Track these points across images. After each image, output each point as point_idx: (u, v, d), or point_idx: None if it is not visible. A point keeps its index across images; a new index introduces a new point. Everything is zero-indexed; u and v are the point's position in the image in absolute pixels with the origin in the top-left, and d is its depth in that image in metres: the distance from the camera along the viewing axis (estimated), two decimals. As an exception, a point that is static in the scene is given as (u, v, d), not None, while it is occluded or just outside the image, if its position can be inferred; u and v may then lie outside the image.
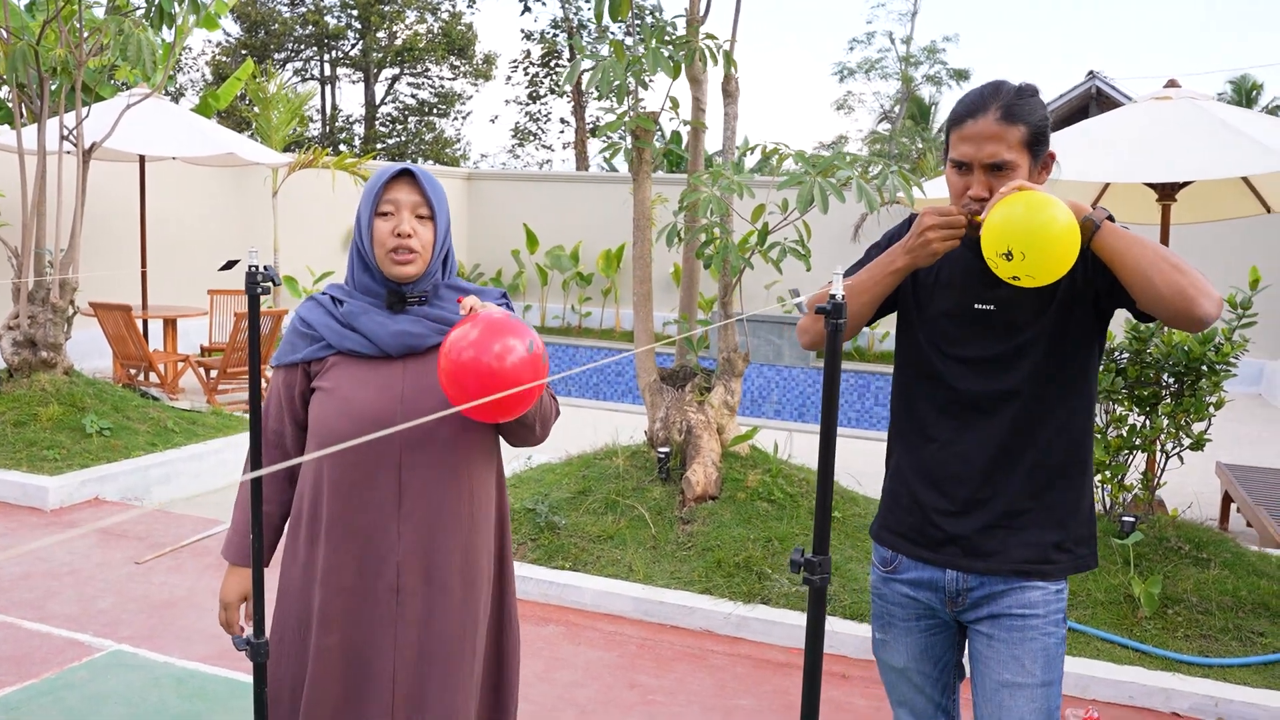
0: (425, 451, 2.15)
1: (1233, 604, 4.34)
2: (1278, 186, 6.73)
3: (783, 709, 3.86)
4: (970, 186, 2.08)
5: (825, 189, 4.55)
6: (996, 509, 2.16)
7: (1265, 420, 11.06)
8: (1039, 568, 2.15)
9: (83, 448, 6.45)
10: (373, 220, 2.17)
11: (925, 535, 2.23)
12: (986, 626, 2.20)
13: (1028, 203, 1.98)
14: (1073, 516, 2.18)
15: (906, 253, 2.10)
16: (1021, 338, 2.13)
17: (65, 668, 3.96)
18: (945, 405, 2.20)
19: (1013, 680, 2.15)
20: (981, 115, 2.06)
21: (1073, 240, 1.98)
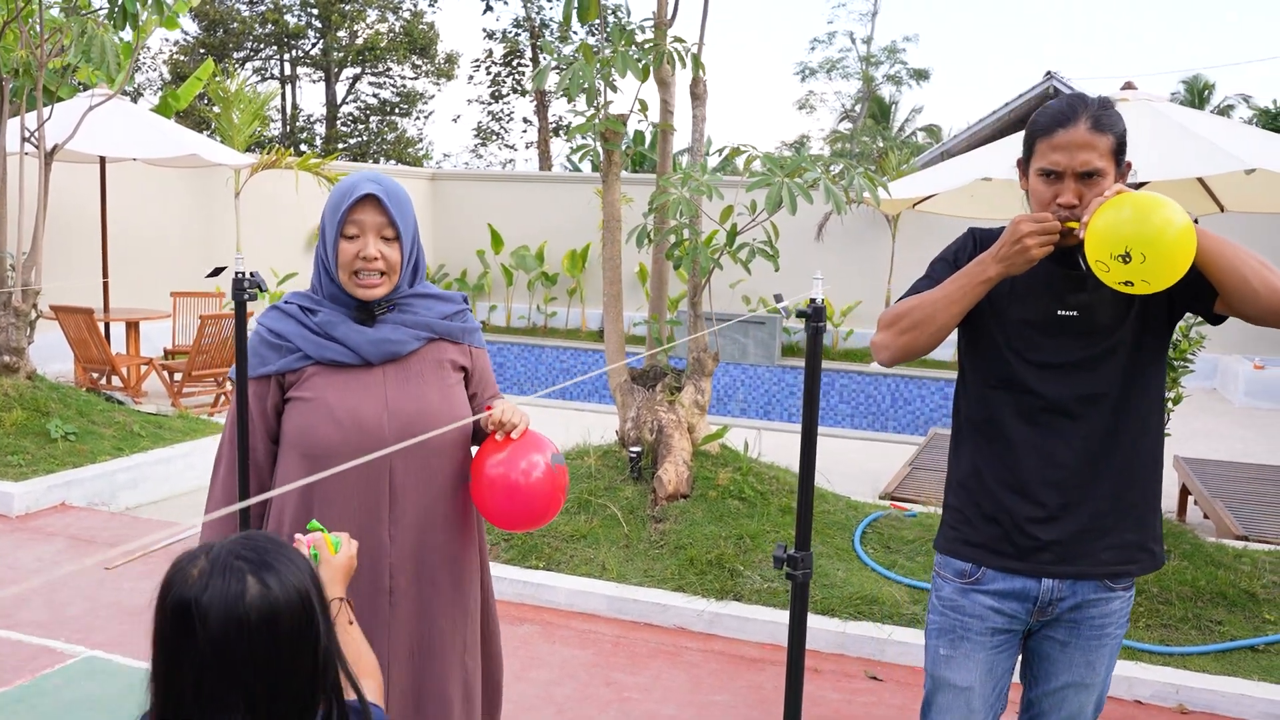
0: (413, 456, 2.18)
1: (1192, 594, 4.46)
2: (1231, 187, 6.89)
3: (757, 703, 3.92)
4: (1060, 194, 2.12)
5: (793, 190, 4.62)
6: (1089, 512, 2.20)
7: (1220, 415, 11.31)
8: (1125, 568, 2.22)
9: (48, 453, 6.39)
10: (338, 240, 2.16)
11: (1013, 544, 2.23)
12: (1063, 633, 2.26)
13: (1137, 205, 2.01)
14: (1151, 515, 2.25)
15: (999, 260, 2.11)
16: (1106, 342, 2.18)
17: (38, 675, 3.94)
18: (1027, 411, 2.23)
19: (1080, 681, 2.25)
20: (1073, 125, 2.11)
21: (1190, 243, 2.01)
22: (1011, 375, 2.24)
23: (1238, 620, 4.36)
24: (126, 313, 10.20)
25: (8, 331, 6.83)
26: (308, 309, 2.23)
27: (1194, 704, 3.95)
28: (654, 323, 5.55)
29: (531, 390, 15.13)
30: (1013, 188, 6.58)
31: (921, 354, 2.25)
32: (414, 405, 2.19)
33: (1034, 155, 2.17)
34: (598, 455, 5.50)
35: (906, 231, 14.16)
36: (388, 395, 2.18)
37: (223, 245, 13.02)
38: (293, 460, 2.20)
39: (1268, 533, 5.58)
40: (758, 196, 4.90)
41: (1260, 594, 4.48)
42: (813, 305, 1.68)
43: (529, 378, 15.20)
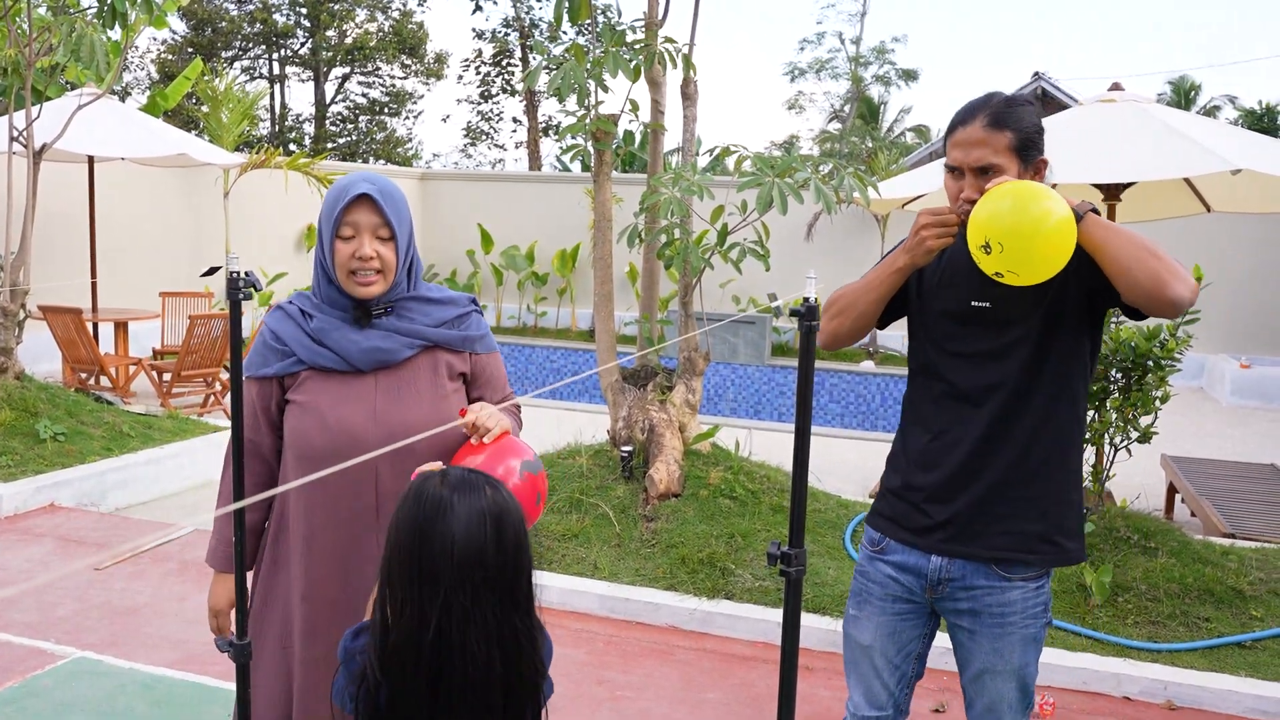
0: (401, 463, 2.16)
1: (1180, 591, 4.49)
2: (1217, 187, 6.94)
3: (749, 701, 3.93)
4: (963, 189, 2.22)
5: (784, 190, 4.64)
6: (978, 495, 2.26)
7: (1206, 413, 11.37)
8: (1021, 556, 2.26)
9: (37, 453, 6.36)
10: (334, 241, 2.18)
11: (912, 521, 2.35)
12: (967, 621, 2.33)
13: (1016, 195, 2.05)
14: (1056, 508, 2.27)
15: (905, 252, 2.23)
16: (1014, 333, 2.24)
17: (28, 676, 3.93)
18: (941, 398, 2.33)
19: (993, 668, 2.31)
20: (971, 122, 2.21)
21: (1063, 237, 2.04)
22: (929, 362, 2.36)
23: (1225, 617, 4.40)
24: (115, 313, 10.16)
25: (-4, 332, 6.80)
26: (306, 313, 2.25)
27: (1182, 700, 3.98)
28: (645, 322, 5.56)
29: (522, 390, 15.13)
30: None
31: (850, 339, 2.40)
32: (402, 415, 2.19)
33: (947, 153, 2.29)
34: (589, 455, 5.51)
35: (896, 231, 14.20)
36: (376, 404, 2.20)
37: (211, 245, 12.98)
38: (290, 460, 2.24)
39: (1254, 530, 5.62)
40: (748, 196, 4.92)
41: (1247, 591, 4.52)
42: (806, 304, 1.69)
43: (519, 378, 15.19)
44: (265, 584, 2.28)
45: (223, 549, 2.31)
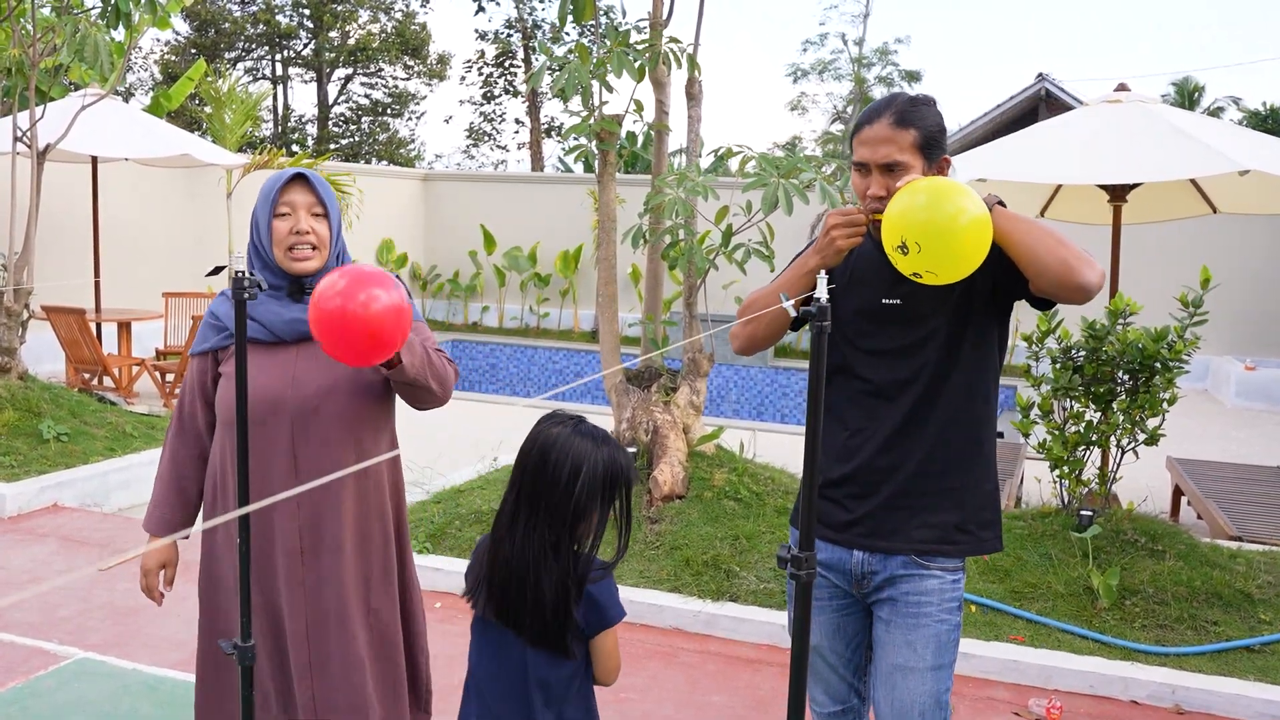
0: (315, 425, 2.39)
1: (1187, 594, 4.47)
2: (1224, 188, 6.92)
3: (754, 704, 3.91)
4: (870, 187, 2.24)
5: (789, 190, 4.62)
6: (894, 488, 2.30)
7: (1211, 415, 11.34)
8: (940, 547, 2.29)
9: (40, 453, 6.36)
10: (271, 220, 2.39)
11: (832, 518, 2.37)
12: (885, 611, 2.34)
13: (931, 192, 2.05)
14: (972, 499, 2.32)
15: (816, 252, 2.25)
16: (924, 329, 2.28)
17: (31, 676, 3.91)
18: (855, 395, 2.35)
19: (904, 664, 2.29)
20: (877, 121, 2.24)
21: (981, 233, 2.04)
22: (844, 361, 2.38)
23: (1233, 620, 4.37)
24: (118, 313, 10.16)
25: (-1, 332, 6.80)
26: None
27: (1190, 704, 3.96)
28: (649, 323, 5.55)
29: (525, 391, 15.12)
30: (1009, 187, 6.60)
31: (766, 343, 2.43)
32: (319, 379, 2.39)
33: (853, 152, 2.31)
34: (593, 456, 5.49)
35: (899, 233, 14.18)
36: (295, 369, 2.39)
37: (214, 246, 12.97)
38: (221, 429, 2.47)
39: (1261, 533, 5.59)
40: (753, 197, 4.90)
41: (1255, 594, 4.49)
42: (817, 304, 1.67)
43: (522, 379, 15.18)
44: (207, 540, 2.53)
45: (156, 513, 2.55)
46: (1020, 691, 4.06)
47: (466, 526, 5.17)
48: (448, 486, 5.91)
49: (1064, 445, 4.97)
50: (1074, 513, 4.92)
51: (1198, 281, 4.96)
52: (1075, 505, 5.06)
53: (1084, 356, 4.96)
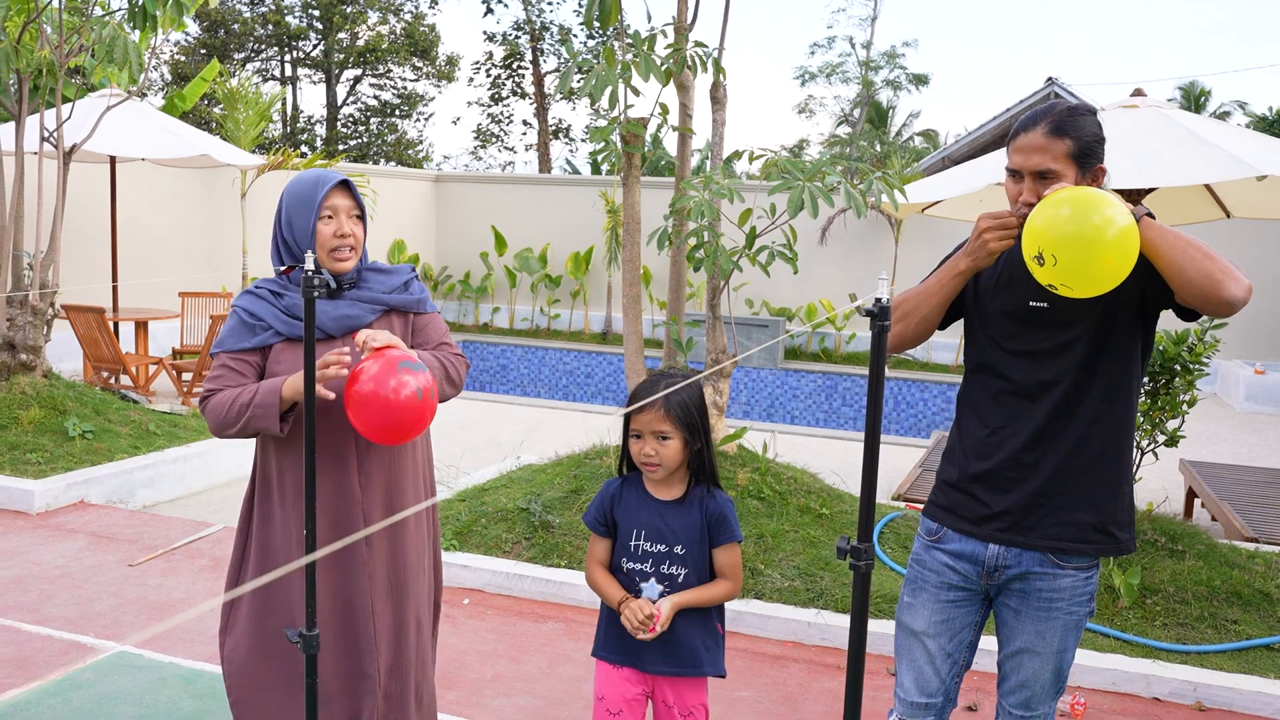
0: None
1: (1208, 594, 4.52)
2: (1237, 193, 6.97)
3: (782, 699, 3.97)
4: (1022, 193, 2.29)
5: (814, 194, 4.68)
6: (1034, 487, 2.35)
7: (1221, 419, 11.39)
8: (1075, 546, 2.35)
9: (66, 451, 6.43)
10: (316, 223, 2.50)
11: (970, 511, 2.44)
12: (1015, 602, 2.43)
13: (1075, 203, 2.06)
14: (1110, 500, 2.37)
15: (967, 255, 2.32)
16: (1071, 333, 2.32)
17: (71, 669, 3.98)
18: (998, 394, 2.41)
19: (1032, 648, 2.41)
20: (1033, 129, 2.28)
21: (1125, 246, 2.04)
22: (988, 360, 2.45)
23: (1253, 619, 4.43)
24: (135, 312, 10.24)
25: (25, 330, 6.87)
26: (276, 293, 2.56)
27: (1211, 701, 4.01)
28: (673, 324, 5.61)
29: (535, 392, 15.19)
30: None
31: (913, 343, 2.49)
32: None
33: (1008, 157, 2.36)
34: (616, 456, 5.55)
35: (909, 235, 14.25)
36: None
37: (228, 246, 13.06)
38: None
39: (1277, 535, 5.64)
40: (779, 200, 4.96)
41: (1275, 594, 4.55)
42: (878, 304, 1.73)
43: (533, 379, 15.24)
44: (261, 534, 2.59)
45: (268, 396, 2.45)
46: (1044, 688, 4.12)
47: (492, 524, 5.23)
48: (471, 485, 5.97)
49: (1084, 446, 5.02)
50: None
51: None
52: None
53: (1104, 359, 5.00)
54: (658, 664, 2.57)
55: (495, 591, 4.87)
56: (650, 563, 2.57)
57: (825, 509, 5.23)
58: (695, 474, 2.58)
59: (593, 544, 2.66)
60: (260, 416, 2.41)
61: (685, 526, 2.54)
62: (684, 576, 2.56)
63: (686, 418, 2.51)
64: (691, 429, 2.51)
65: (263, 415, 2.41)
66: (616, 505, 2.62)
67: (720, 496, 2.59)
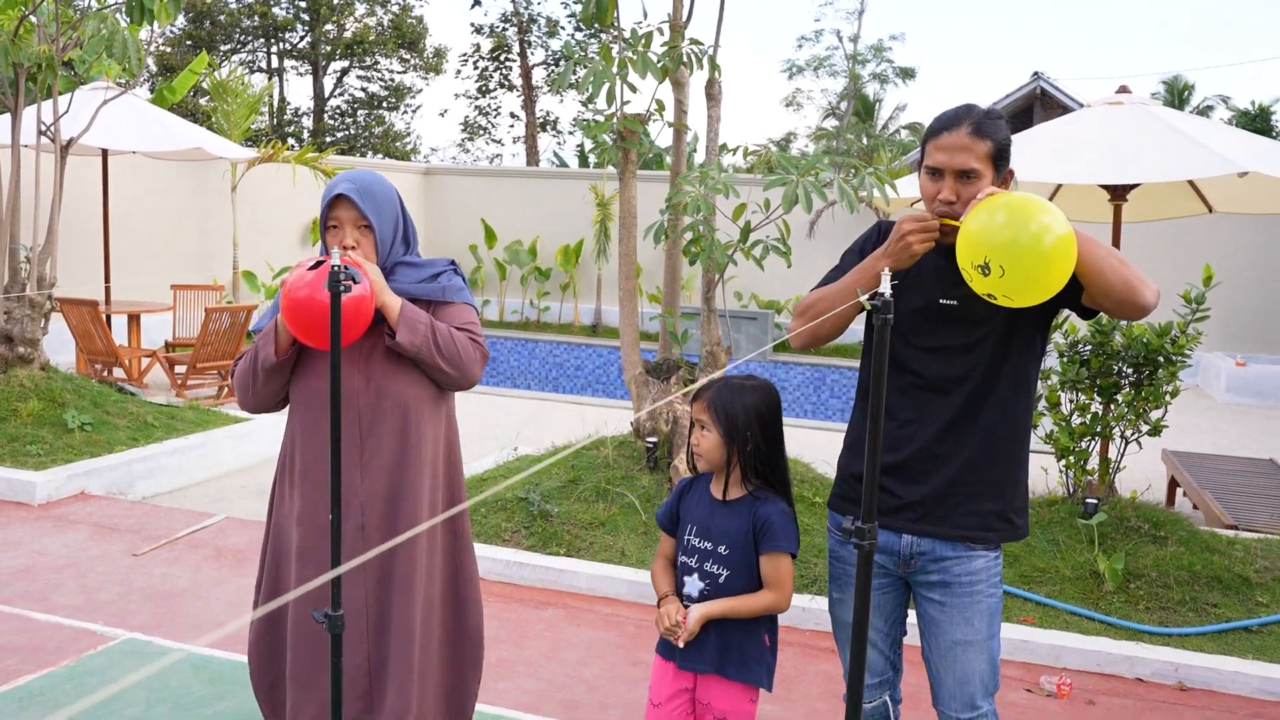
0: (381, 406, 2.59)
1: (1189, 578, 4.66)
2: (1220, 188, 7.11)
3: (778, 682, 4.06)
4: (941, 191, 2.36)
5: (808, 188, 4.78)
6: (946, 477, 2.44)
7: (1202, 410, 11.56)
8: (983, 535, 2.45)
9: (65, 443, 6.48)
10: (325, 232, 2.62)
11: (881, 503, 2.48)
12: (938, 593, 2.48)
13: (1012, 209, 2.10)
14: (1012, 489, 2.48)
15: (887, 256, 2.35)
16: (980, 330, 2.41)
17: (82, 655, 4.06)
18: (906, 388, 2.49)
19: (964, 639, 2.46)
20: (956, 128, 2.35)
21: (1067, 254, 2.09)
22: (897, 356, 2.50)
23: (1232, 603, 4.57)
24: (128, 305, 10.27)
25: (23, 323, 6.92)
26: None
27: (1192, 681, 4.15)
28: (668, 317, 5.71)
29: (526, 384, 15.26)
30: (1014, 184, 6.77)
31: (826, 340, 2.55)
32: (384, 362, 2.60)
33: (924, 155, 2.42)
34: (614, 446, 5.66)
35: (896, 229, 14.36)
36: (363, 351, 2.60)
37: (219, 239, 13.07)
38: (293, 399, 2.69)
39: (1257, 522, 5.79)
40: (773, 195, 5.06)
41: (1253, 578, 4.69)
42: (882, 298, 1.83)
43: (522, 372, 15.32)
44: (275, 513, 2.72)
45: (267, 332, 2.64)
46: (1031, 670, 4.25)
47: (492, 514, 5.32)
48: (470, 475, 6.06)
49: (1070, 436, 5.16)
50: (1079, 501, 5.10)
51: (1196, 278, 5.15)
52: (1080, 494, 5.25)
53: (1090, 351, 5.14)
54: (693, 661, 2.59)
55: (495, 579, 4.96)
56: (696, 558, 2.61)
57: (818, 497, 5.34)
58: (752, 478, 2.59)
59: (662, 539, 2.76)
60: (263, 346, 2.59)
61: (732, 529, 2.56)
62: (725, 578, 2.56)
63: (726, 417, 2.54)
64: (731, 430, 2.54)
65: (265, 343, 2.59)
66: (683, 499, 2.71)
67: (775, 504, 2.57)
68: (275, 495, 2.77)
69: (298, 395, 2.67)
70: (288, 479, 2.70)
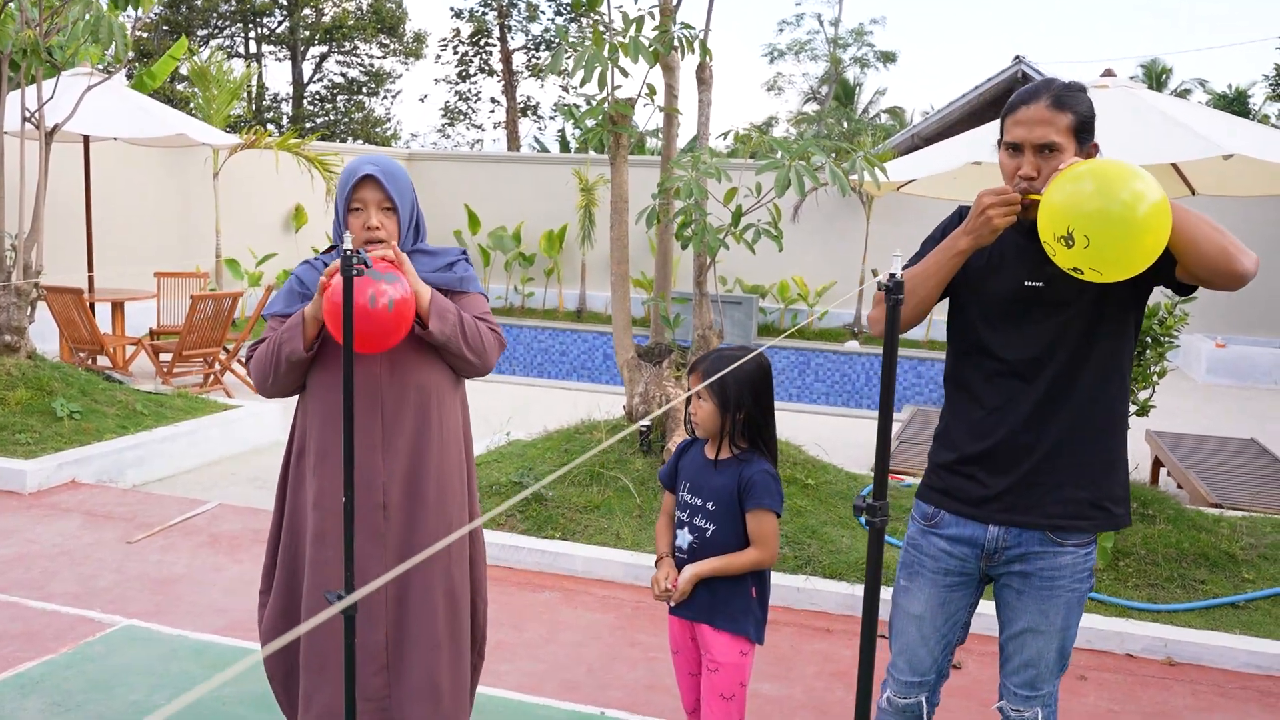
0: (403, 389, 2.60)
1: (1177, 556, 4.74)
2: (1203, 171, 7.17)
3: (775, 660, 4.13)
4: (1021, 167, 2.27)
5: (800, 172, 4.81)
6: (1032, 465, 2.35)
7: (1184, 392, 11.69)
8: (1074, 523, 2.36)
9: (54, 431, 6.45)
10: (347, 215, 2.58)
11: (968, 493, 2.42)
12: (1018, 583, 2.43)
13: (1099, 176, 1.96)
14: (1106, 476, 2.38)
15: (968, 233, 2.28)
16: (1067, 313, 2.32)
17: (81, 642, 4.06)
18: (992, 375, 2.40)
19: (1036, 628, 2.42)
20: (1034, 102, 2.26)
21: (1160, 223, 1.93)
22: (980, 341, 2.42)
23: (1219, 579, 4.65)
24: (111, 293, 10.20)
25: (9, 311, 6.87)
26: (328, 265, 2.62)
27: (1181, 656, 4.23)
28: (660, 302, 5.73)
29: (511, 370, 15.26)
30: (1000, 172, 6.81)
31: (909, 325, 2.41)
32: (404, 348, 2.58)
33: (1003, 132, 2.34)
34: (608, 430, 5.68)
35: (881, 213, 14.43)
36: None
37: (202, 225, 12.99)
38: (311, 385, 2.65)
39: (1239, 500, 5.88)
40: (764, 179, 5.09)
41: (1239, 555, 4.77)
42: (892, 279, 1.85)
43: (507, 358, 15.30)
44: (293, 497, 2.70)
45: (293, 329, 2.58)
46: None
47: (487, 498, 5.34)
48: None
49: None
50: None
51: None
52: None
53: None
54: (687, 609, 2.76)
55: (492, 563, 4.97)
56: (688, 513, 2.77)
57: (811, 479, 5.39)
58: (738, 440, 2.73)
59: (665, 497, 2.92)
60: (288, 340, 2.56)
61: (719, 486, 2.71)
62: (712, 532, 2.71)
63: (720, 386, 2.66)
64: (724, 399, 2.68)
65: (290, 337, 2.56)
66: (681, 458, 2.88)
67: (760, 464, 2.71)
68: (289, 481, 2.75)
69: (319, 381, 2.64)
70: (304, 462, 2.68)
